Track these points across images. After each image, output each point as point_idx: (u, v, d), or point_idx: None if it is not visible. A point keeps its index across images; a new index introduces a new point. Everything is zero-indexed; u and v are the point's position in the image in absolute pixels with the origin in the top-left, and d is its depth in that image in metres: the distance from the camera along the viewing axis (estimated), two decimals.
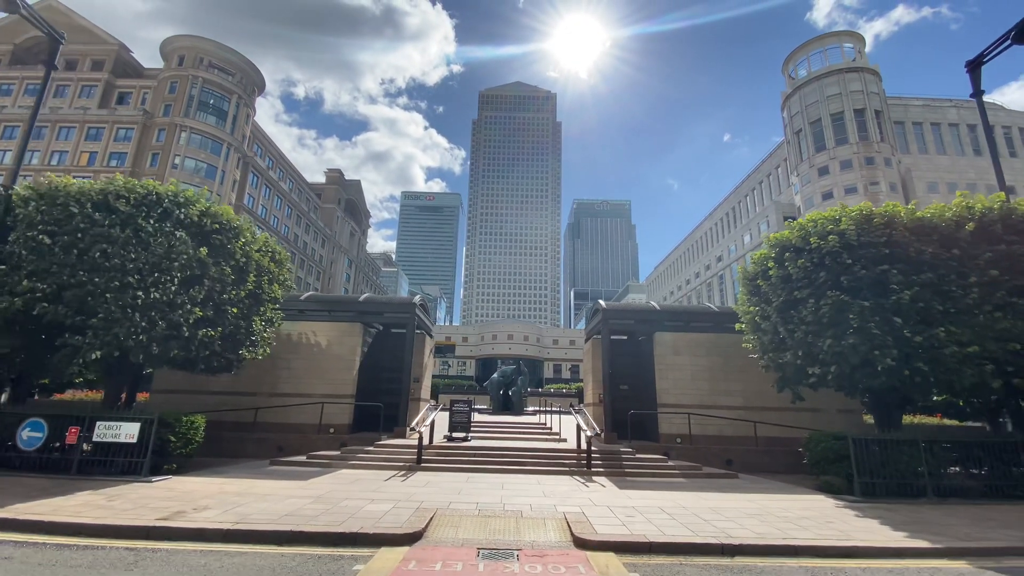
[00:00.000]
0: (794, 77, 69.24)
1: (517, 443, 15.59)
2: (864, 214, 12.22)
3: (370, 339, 18.97)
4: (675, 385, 17.00)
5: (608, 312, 17.75)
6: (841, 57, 66.12)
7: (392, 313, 18.39)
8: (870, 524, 8.56)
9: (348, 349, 17.22)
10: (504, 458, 13.72)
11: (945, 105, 69.53)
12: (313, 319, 17.65)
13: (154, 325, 11.00)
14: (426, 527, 7.54)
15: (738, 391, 17.00)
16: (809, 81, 65.98)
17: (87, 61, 66.11)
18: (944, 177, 63.16)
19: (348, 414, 16.67)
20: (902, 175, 62.30)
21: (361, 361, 17.79)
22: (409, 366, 17.35)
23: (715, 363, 17.23)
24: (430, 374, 20.46)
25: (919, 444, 11.12)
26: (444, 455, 13.82)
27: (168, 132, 61.01)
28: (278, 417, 16.42)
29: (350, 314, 17.74)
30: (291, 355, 17.20)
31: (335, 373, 16.97)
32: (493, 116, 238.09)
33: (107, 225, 11.44)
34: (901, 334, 10.93)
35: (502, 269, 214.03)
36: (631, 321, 18.49)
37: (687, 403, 16.81)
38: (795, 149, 66.92)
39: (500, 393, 28.94)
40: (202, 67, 63.87)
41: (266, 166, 73.17)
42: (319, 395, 16.69)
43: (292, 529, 7.06)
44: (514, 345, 72.54)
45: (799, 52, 69.22)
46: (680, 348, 17.34)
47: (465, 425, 15.66)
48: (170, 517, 7.66)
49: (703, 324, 17.96)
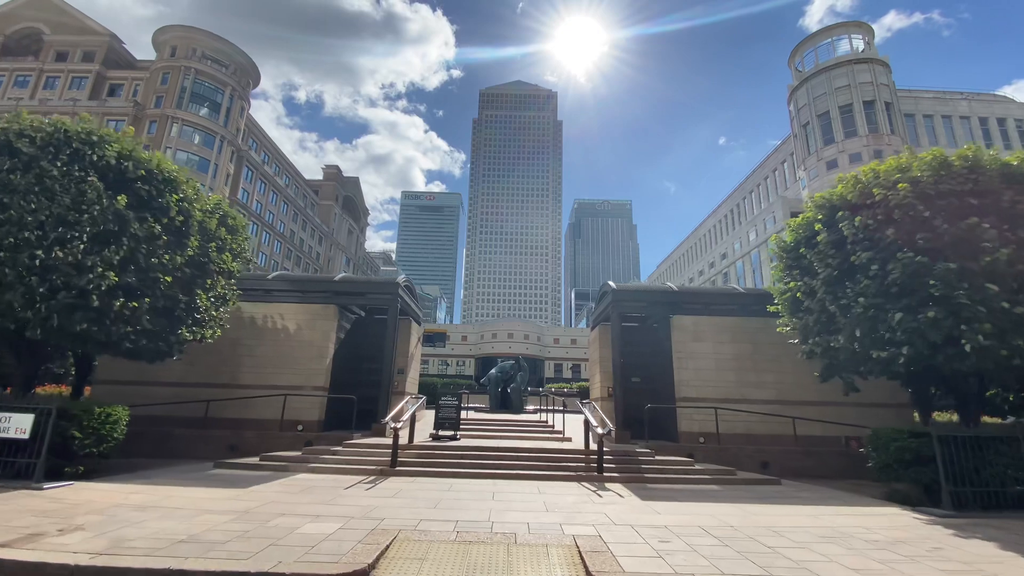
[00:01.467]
0: (801, 70, 66.95)
1: (514, 442, 13.16)
2: (940, 159, 9.82)
3: (348, 325, 16.58)
4: (696, 376, 14.58)
5: (619, 293, 15.35)
6: (850, 48, 63.85)
7: (373, 294, 15.93)
8: (997, 553, 6.15)
9: (321, 334, 14.83)
10: (497, 460, 11.26)
11: (956, 98, 67.30)
12: (281, 300, 15.25)
13: (55, 292, 8.65)
14: (376, 560, 5.14)
15: (770, 383, 14.58)
16: (817, 73, 63.71)
17: (78, 52, 64.05)
18: None
19: (319, 409, 14.28)
20: None
21: (336, 349, 15.41)
22: (391, 355, 14.95)
23: (743, 351, 14.81)
24: (417, 365, 18.05)
25: (1021, 443, 8.70)
26: (425, 456, 11.39)
27: (159, 124, 58.86)
28: (239, 411, 14.02)
29: (324, 295, 15.33)
30: (255, 341, 14.81)
31: (305, 362, 14.59)
32: (494, 115, 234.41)
33: (6, 170, 9.12)
34: (996, 304, 8.55)
35: (502, 269, 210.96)
36: (644, 303, 16.08)
37: (711, 397, 14.40)
38: (802, 143, 64.62)
39: (498, 390, 26.56)
40: (195, 58, 61.72)
41: (261, 160, 70.93)
42: (286, 387, 14.31)
43: (167, 568, 4.67)
44: (514, 344, 70.16)
45: (806, 44, 67.05)
46: (702, 333, 14.93)
47: (453, 422, 13.24)
48: (12, 544, 5.28)
49: (727, 307, 15.55)
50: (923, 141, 64.00)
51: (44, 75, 63.44)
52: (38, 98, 61.31)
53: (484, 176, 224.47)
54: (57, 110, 60.59)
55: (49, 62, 63.84)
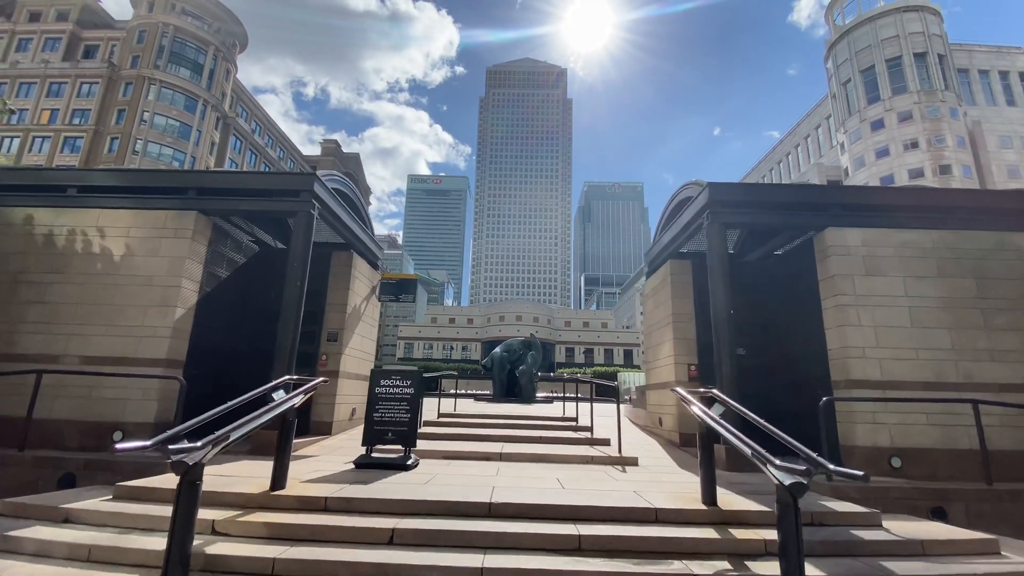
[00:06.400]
0: (840, 24, 58.59)
1: (532, 472, 6.05)
2: None
3: (242, 258, 9.49)
4: (876, 339, 7.35)
5: (720, 190, 7.96)
6: None
7: (266, 198, 8.29)
8: None
9: (169, 265, 7.72)
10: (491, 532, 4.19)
11: (1014, 52, 58.50)
12: (103, 205, 8.15)
13: None
14: None
15: (1017, 350, 7.34)
16: (860, 24, 55.35)
17: (52, 12, 57.27)
18: (1018, 131, 52.57)
19: (160, 400, 7.20)
20: (969, 128, 51.80)
21: (211, 294, 8.38)
22: (295, 305, 7.82)
23: (959, 290, 7.53)
24: (371, 331, 10.77)
25: None
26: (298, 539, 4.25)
27: (135, 86, 52.06)
28: (11, 407, 7.09)
29: (178, 198, 8.15)
30: (50, 274, 7.80)
31: (136, 313, 7.55)
32: (501, 93, 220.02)
33: None
34: None
35: (510, 252, 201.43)
36: (766, 210, 8.36)
37: (905, 378, 7.18)
38: (842, 103, 56.43)
39: (504, 374, 19.56)
40: (174, 13, 54.65)
41: (251, 130, 63.99)
42: (99, 358, 7.33)
43: None
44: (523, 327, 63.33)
45: None
46: (882, 262, 7.63)
47: (404, 430, 6.14)
48: None
49: (922, 215, 8.13)
50: (979, 99, 55.81)
51: (16, 37, 56.86)
52: (9, 61, 54.82)
53: (491, 158, 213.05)
54: (28, 73, 54.21)
55: (22, 23, 57.21)
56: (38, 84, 53.72)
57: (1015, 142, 52.68)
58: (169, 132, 52.43)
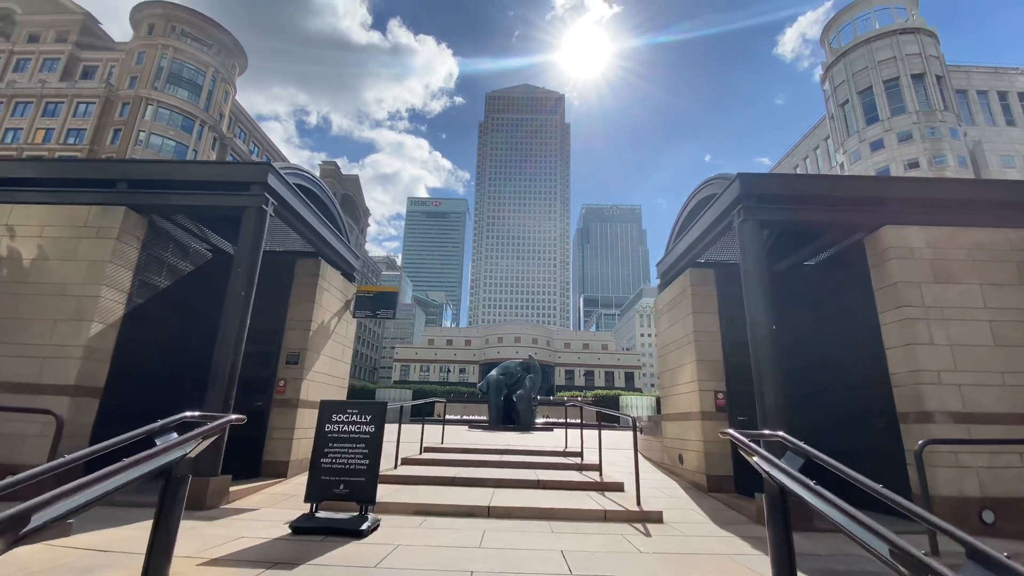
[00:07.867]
0: (836, 47, 58.84)
1: (528, 542, 4.53)
2: None
3: (189, 265, 8.08)
4: (951, 360, 5.94)
5: (755, 182, 6.63)
6: (892, 19, 55.87)
7: (211, 192, 6.75)
8: None
9: (87, 270, 6.37)
10: None
11: (1012, 73, 58.58)
12: (13, 200, 6.78)
13: None
14: None
15: None
16: (856, 46, 55.56)
17: (51, 33, 57.21)
18: (1020, 150, 52.20)
19: (70, 435, 5.77)
20: (970, 148, 51.42)
21: (141, 304, 6.94)
22: (237, 320, 6.39)
23: None
24: (345, 352, 9.23)
25: None
26: None
27: (133, 106, 51.56)
28: None
29: (102, 191, 6.76)
30: None
31: (40, 328, 6.12)
32: (500, 118, 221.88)
33: None
34: None
35: (510, 275, 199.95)
36: (808, 206, 6.82)
37: (987, 409, 5.75)
38: (840, 124, 56.21)
39: (501, 398, 18.01)
40: (173, 36, 54.56)
41: (249, 151, 63.48)
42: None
43: None
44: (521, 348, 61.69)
45: (841, 17, 58.87)
46: (953, 266, 6.30)
47: (360, 481, 4.63)
48: None
49: (992, 212, 6.77)
50: (978, 119, 55.55)
51: (15, 57, 56.63)
52: (7, 80, 54.49)
53: (490, 180, 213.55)
54: (24, 92, 53.81)
55: (21, 43, 57.07)
56: (34, 103, 53.24)
57: (1017, 161, 52.22)
58: (165, 152, 51.73)
